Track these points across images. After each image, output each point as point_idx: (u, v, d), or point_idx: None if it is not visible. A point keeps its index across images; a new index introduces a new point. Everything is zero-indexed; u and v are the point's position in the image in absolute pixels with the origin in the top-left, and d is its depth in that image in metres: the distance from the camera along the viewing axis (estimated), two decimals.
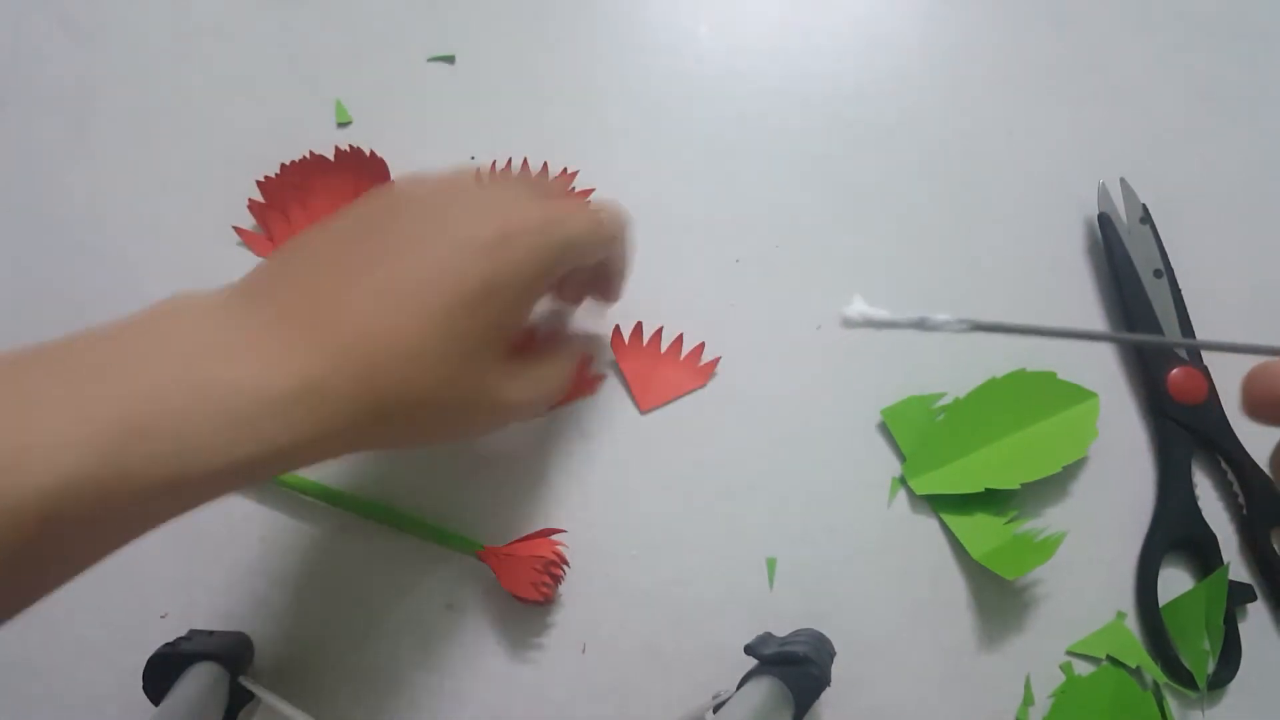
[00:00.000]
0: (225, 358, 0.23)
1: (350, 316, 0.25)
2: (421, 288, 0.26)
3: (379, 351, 0.25)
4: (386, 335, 0.25)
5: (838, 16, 0.46)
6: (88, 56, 0.45)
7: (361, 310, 0.25)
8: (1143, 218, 0.42)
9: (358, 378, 0.25)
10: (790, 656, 0.33)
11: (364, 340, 0.25)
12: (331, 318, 0.25)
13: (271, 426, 0.23)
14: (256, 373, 0.23)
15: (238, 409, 0.22)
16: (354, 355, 0.25)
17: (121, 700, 0.36)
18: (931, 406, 0.40)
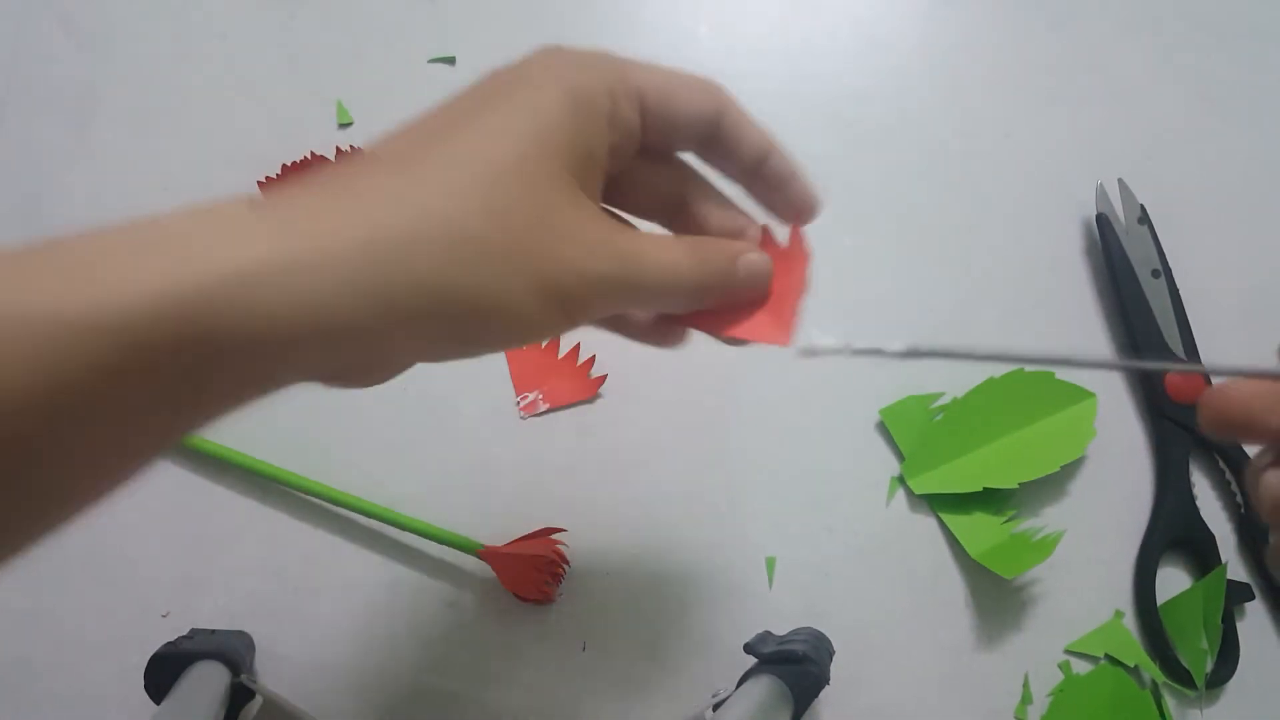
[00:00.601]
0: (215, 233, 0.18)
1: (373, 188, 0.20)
2: (467, 146, 0.21)
3: (396, 204, 0.20)
4: (415, 202, 0.20)
5: (837, 17, 0.46)
6: (89, 58, 0.45)
7: (396, 182, 0.20)
8: (1141, 218, 0.42)
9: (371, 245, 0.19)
10: (789, 655, 0.33)
11: (385, 205, 0.20)
12: (354, 193, 0.20)
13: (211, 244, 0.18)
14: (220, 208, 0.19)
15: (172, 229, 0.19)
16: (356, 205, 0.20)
17: (123, 699, 0.36)
18: (930, 406, 0.40)
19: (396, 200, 0.20)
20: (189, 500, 0.39)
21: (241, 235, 0.18)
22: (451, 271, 0.20)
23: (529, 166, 0.21)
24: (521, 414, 0.40)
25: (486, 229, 0.20)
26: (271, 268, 0.18)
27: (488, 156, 0.21)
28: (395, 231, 0.19)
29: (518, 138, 0.21)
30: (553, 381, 0.40)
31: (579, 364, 0.40)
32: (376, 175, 0.20)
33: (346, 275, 0.18)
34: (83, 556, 0.38)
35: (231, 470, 0.39)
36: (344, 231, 0.19)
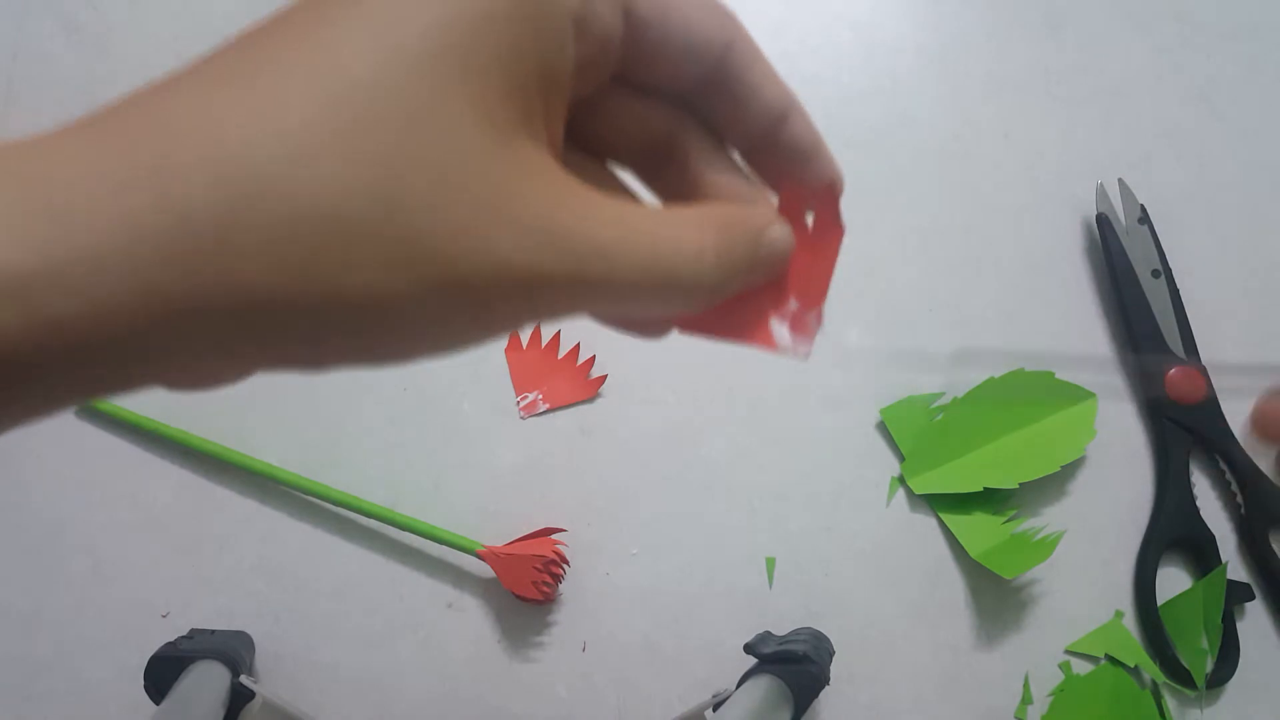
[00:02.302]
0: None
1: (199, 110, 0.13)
2: (350, 46, 0.13)
3: (196, 147, 0.12)
4: (217, 123, 0.13)
5: (835, 19, 0.46)
6: (91, 58, 0.45)
7: (190, 111, 0.13)
8: (1141, 218, 0.42)
9: (152, 190, 0.12)
10: (789, 655, 0.33)
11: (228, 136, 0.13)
12: (140, 135, 0.13)
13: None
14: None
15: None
16: (150, 167, 0.12)
17: (122, 699, 0.36)
18: (930, 406, 0.40)
19: (209, 154, 0.12)
20: (189, 500, 0.39)
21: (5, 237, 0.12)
22: (289, 272, 0.13)
23: (428, 93, 0.13)
24: (521, 414, 0.40)
25: (347, 201, 0.13)
26: (38, 279, 0.12)
27: (355, 75, 0.13)
28: (203, 215, 0.12)
29: (416, 45, 0.13)
30: (553, 382, 0.40)
31: (579, 364, 0.40)
32: (186, 110, 0.13)
33: (116, 288, 0.12)
34: (82, 557, 0.38)
35: (231, 470, 0.39)
36: (131, 218, 0.12)
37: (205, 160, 0.12)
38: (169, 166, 0.12)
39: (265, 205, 0.12)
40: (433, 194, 0.13)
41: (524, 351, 0.41)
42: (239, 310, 0.13)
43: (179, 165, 0.12)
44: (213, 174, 0.12)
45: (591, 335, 0.41)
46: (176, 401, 0.39)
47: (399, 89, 0.13)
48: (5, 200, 0.12)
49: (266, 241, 0.12)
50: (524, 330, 0.17)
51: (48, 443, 0.39)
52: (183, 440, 0.38)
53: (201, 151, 0.12)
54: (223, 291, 0.13)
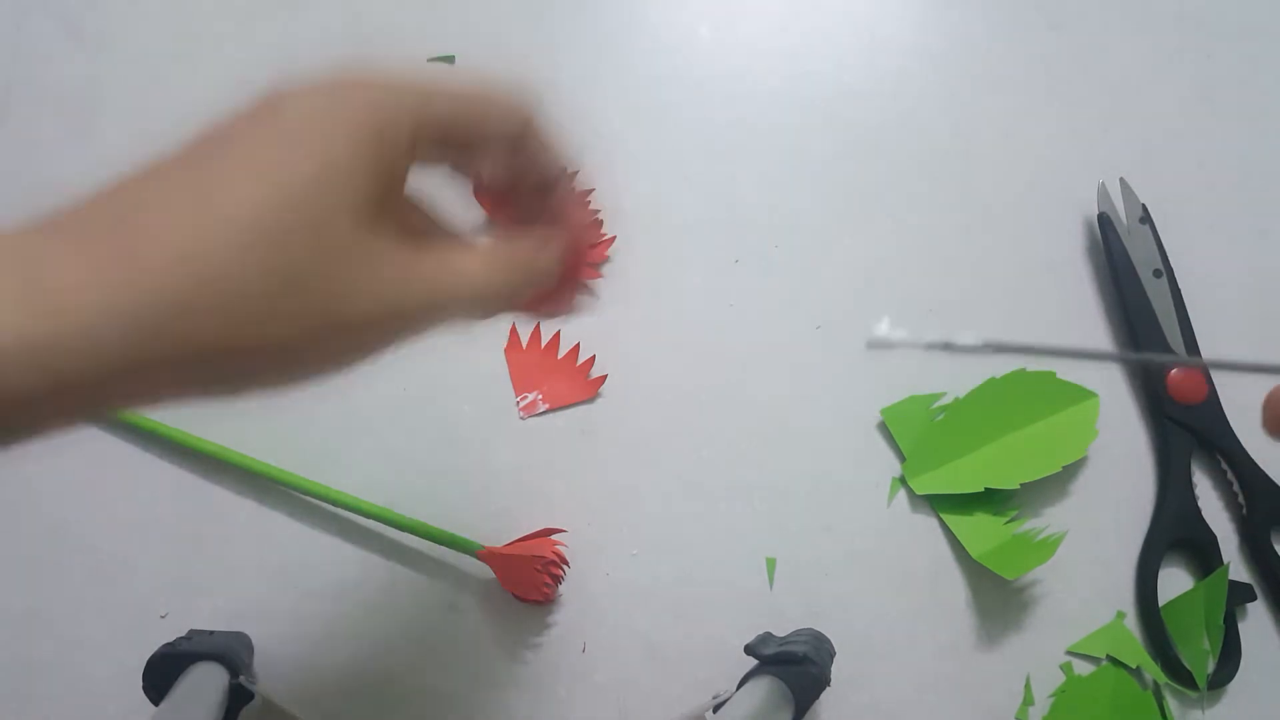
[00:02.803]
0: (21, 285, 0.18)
1: (132, 230, 0.19)
2: (232, 185, 0.20)
3: (161, 245, 0.19)
4: (167, 244, 0.19)
5: (837, 18, 0.46)
6: (89, 58, 0.45)
7: (152, 222, 0.19)
8: (1142, 218, 0.42)
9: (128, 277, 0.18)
10: (790, 656, 0.33)
11: (135, 253, 0.19)
12: (106, 235, 0.19)
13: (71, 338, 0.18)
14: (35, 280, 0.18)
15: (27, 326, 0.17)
16: (124, 259, 0.18)
17: (122, 700, 0.36)
18: (931, 406, 0.40)
19: (164, 252, 0.18)
20: (188, 500, 0.39)
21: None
22: (230, 329, 0.19)
23: (317, 210, 0.20)
24: (521, 414, 0.40)
25: (267, 279, 0.19)
26: (20, 347, 0.17)
27: (271, 197, 0.19)
28: (167, 292, 0.18)
29: (304, 181, 0.20)
30: (552, 382, 0.40)
31: (579, 364, 0.40)
32: (143, 213, 0.19)
33: (104, 349, 0.18)
34: (81, 557, 0.38)
35: (230, 470, 0.39)
36: (106, 298, 0.18)
37: (167, 251, 0.18)
38: (139, 255, 0.18)
39: (213, 285, 0.19)
40: (320, 274, 0.20)
41: (524, 352, 0.41)
42: (192, 358, 0.19)
43: (146, 255, 0.18)
44: (173, 262, 0.18)
45: (591, 335, 0.41)
46: None
47: (300, 206, 0.20)
48: (14, 282, 0.18)
49: (214, 309, 0.19)
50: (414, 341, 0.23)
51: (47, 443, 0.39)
52: (182, 440, 0.38)
53: (164, 246, 0.19)
54: (181, 346, 0.19)
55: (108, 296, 0.18)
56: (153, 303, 0.18)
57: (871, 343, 0.24)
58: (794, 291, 0.42)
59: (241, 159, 0.20)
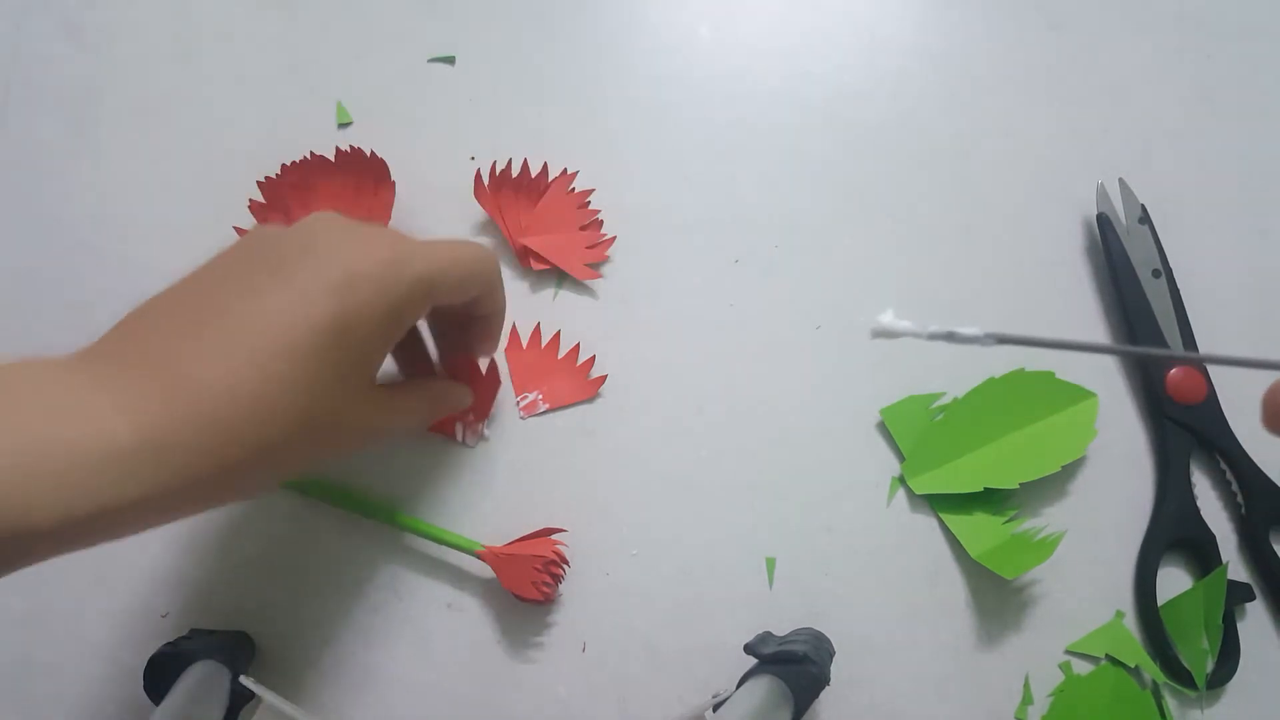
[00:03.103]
0: (59, 416, 0.23)
1: (192, 369, 0.25)
2: (265, 335, 0.25)
3: (221, 403, 0.24)
4: (228, 386, 0.25)
5: (837, 17, 0.46)
6: (89, 58, 0.45)
7: (203, 361, 0.25)
8: (1141, 218, 0.42)
9: (200, 430, 0.24)
10: (789, 655, 0.33)
11: (205, 392, 0.24)
12: (173, 372, 0.25)
13: (106, 485, 0.22)
14: (92, 431, 0.23)
15: (69, 468, 0.22)
16: (195, 408, 0.24)
17: (122, 699, 0.36)
18: (930, 406, 0.40)
19: (248, 429, 0.25)
20: None
21: (130, 475, 0.23)
22: (262, 459, 0.26)
23: (316, 365, 0.26)
24: (521, 414, 0.40)
25: (284, 421, 0.26)
26: (135, 507, 0.23)
27: (282, 349, 0.25)
28: (246, 456, 0.25)
29: (344, 366, 0.27)
30: (552, 382, 0.40)
31: (579, 364, 0.40)
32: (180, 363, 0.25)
33: (197, 495, 0.25)
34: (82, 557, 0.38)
35: None
36: (204, 464, 0.24)
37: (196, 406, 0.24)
38: (176, 401, 0.24)
39: (250, 427, 0.25)
40: (328, 411, 0.27)
41: (524, 352, 0.41)
42: (227, 478, 0.25)
43: (181, 403, 0.24)
44: (208, 410, 0.24)
45: (591, 335, 0.41)
46: None
47: (303, 359, 0.26)
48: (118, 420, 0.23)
49: (251, 443, 0.25)
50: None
51: None
52: None
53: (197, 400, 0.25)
54: (220, 467, 0.25)
55: (166, 418, 0.24)
56: (194, 421, 0.24)
57: (876, 331, 0.24)
58: (794, 291, 0.42)
59: (265, 310, 0.26)
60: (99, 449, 0.22)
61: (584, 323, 0.41)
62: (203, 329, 0.25)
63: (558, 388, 0.40)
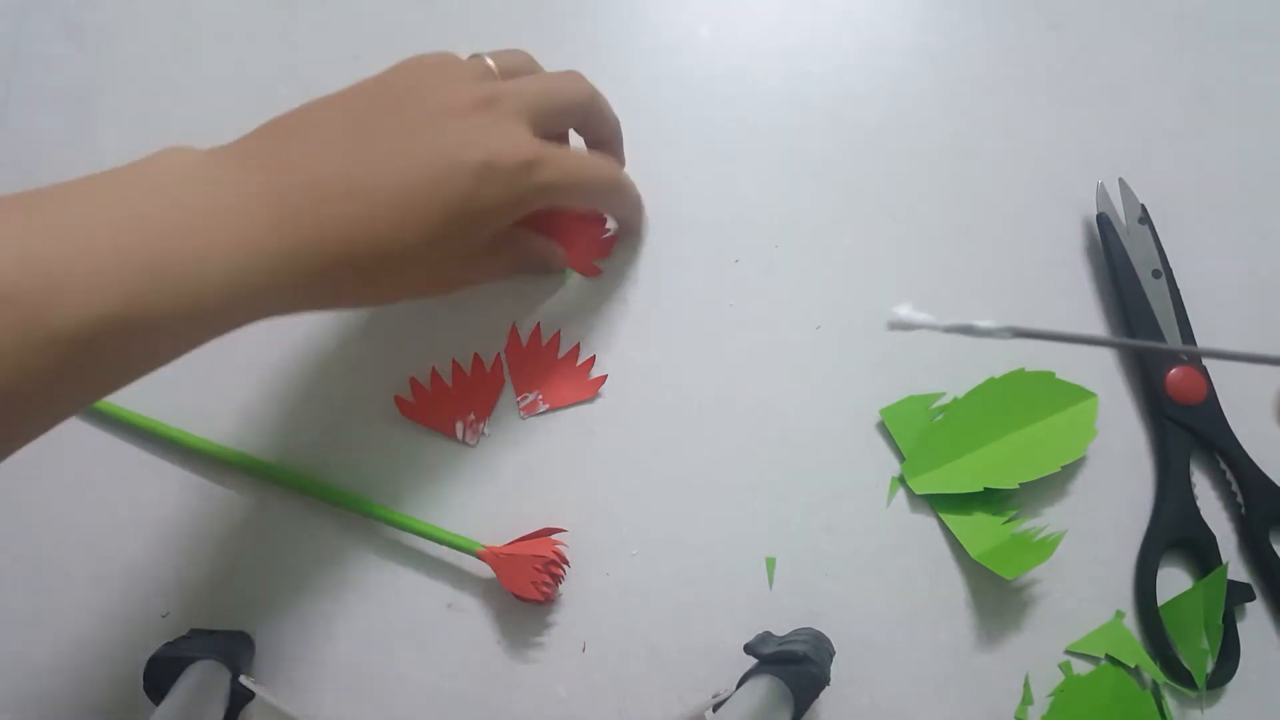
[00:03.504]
0: (222, 211, 0.26)
1: (335, 210, 0.28)
2: (403, 196, 0.29)
3: (358, 249, 0.29)
4: (365, 236, 0.29)
5: (837, 17, 0.46)
6: (89, 57, 0.45)
7: (346, 205, 0.28)
8: (1141, 218, 0.42)
9: (338, 261, 0.28)
10: (789, 655, 0.33)
11: (343, 236, 0.28)
12: (316, 208, 0.28)
13: (258, 277, 0.26)
14: (252, 235, 0.26)
15: (233, 260, 0.26)
16: (332, 251, 0.28)
17: (122, 699, 0.36)
18: (930, 406, 0.40)
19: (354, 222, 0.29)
20: (188, 500, 0.39)
21: (261, 267, 0.27)
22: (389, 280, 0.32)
23: (462, 243, 0.31)
24: (521, 414, 0.40)
25: (407, 272, 0.31)
26: (264, 293, 0.27)
27: (443, 204, 0.30)
28: (358, 249, 0.29)
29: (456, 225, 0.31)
30: (552, 382, 0.40)
31: (579, 364, 0.40)
32: (313, 170, 0.29)
33: (313, 292, 0.30)
34: (82, 557, 0.38)
35: (231, 470, 0.39)
36: (321, 246, 0.28)
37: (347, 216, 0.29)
38: (308, 206, 0.28)
39: (368, 267, 0.30)
40: (446, 267, 0.34)
41: (524, 351, 0.41)
42: (335, 281, 0.30)
43: (317, 207, 0.28)
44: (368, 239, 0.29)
45: (591, 335, 0.41)
46: (177, 402, 0.39)
47: (429, 224, 0.30)
48: (269, 230, 0.27)
49: (372, 272, 0.30)
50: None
51: (47, 443, 0.39)
52: (183, 440, 0.38)
53: (325, 201, 0.29)
54: (325, 264, 0.29)
55: (305, 247, 0.28)
56: (331, 261, 0.28)
57: (893, 323, 0.24)
58: (794, 291, 0.42)
59: (408, 172, 0.30)
60: (250, 250, 0.26)
61: (584, 323, 0.41)
62: (346, 169, 0.29)
63: (557, 388, 0.40)
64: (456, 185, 0.30)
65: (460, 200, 0.30)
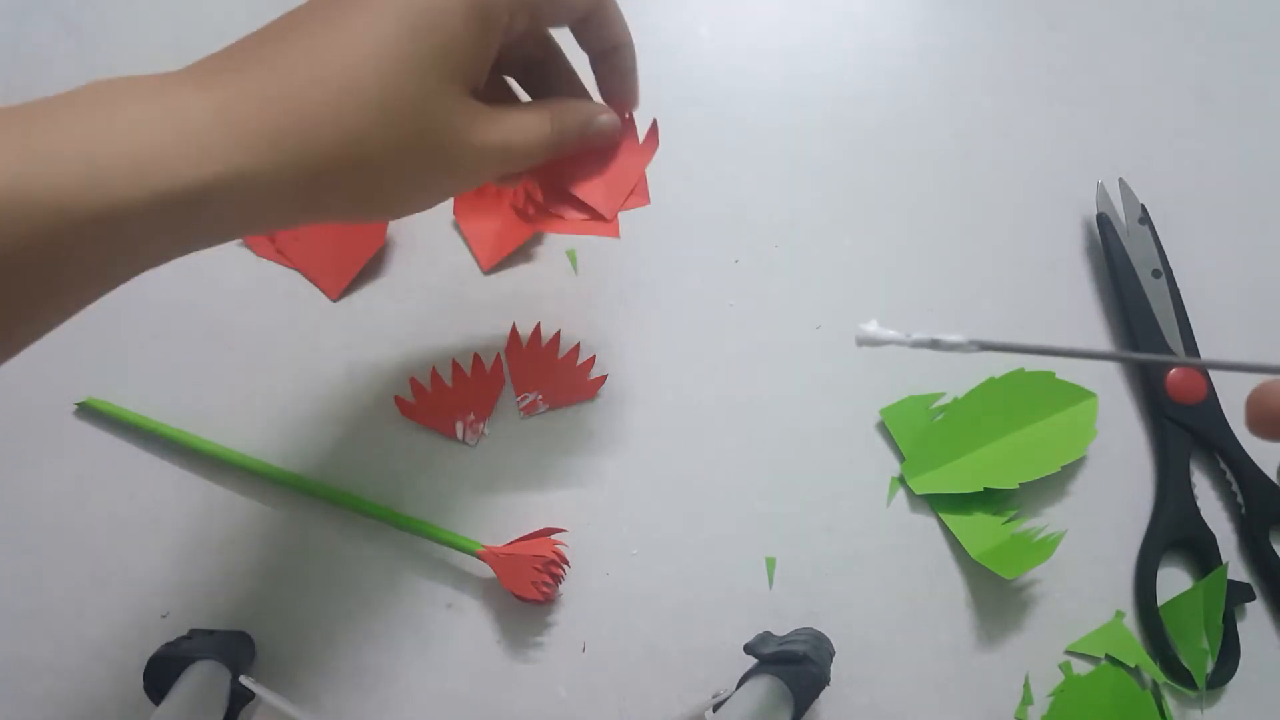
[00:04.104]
0: (141, 100, 0.23)
1: (283, 65, 0.24)
2: (356, 25, 0.25)
3: (299, 87, 0.24)
4: (309, 75, 0.24)
5: (837, 17, 0.46)
6: (89, 58, 0.45)
7: (295, 58, 0.25)
8: (1141, 218, 0.42)
9: (278, 110, 0.24)
10: (790, 656, 0.33)
11: (284, 78, 0.24)
12: (253, 69, 0.24)
13: (186, 158, 0.22)
14: (170, 106, 0.23)
15: (148, 137, 0.22)
16: (272, 89, 0.24)
17: (122, 700, 0.36)
18: (930, 406, 0.40)
19: (309, 109, 0.24)
20: (188, 501, 0.39)
21: (205, 151, 0.23)
22: (361, 179, 0.26)
23: (424, 67, 0.25)
24: (521, 414, 0.40)
25: (392, 148, 0.25)
26: (230, 177, 0.23)
27: (391, 71, 0.25)
28: (317, 141, 0.24)
29: (418, 51, 0.25)
30: (552, 382, 0.40)
31: (579, 364, 0.40)
32: (291, 67, 0.24)
33: (285, 191, 0.24)
34: (82, 557, 0.38)
35: (231, 470, 0.39)
36: (284, 141, 0.24)
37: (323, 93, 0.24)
38: (253, 83, 0.24)
39: (327, 110, 0.24)
40: (429, 108, 0.26)
41: (524, 352, 0.41)
42: (311, 174, 0.24)
43: (258, 85, 0.24)
44: (330, 96, 0.24)
45: (591, 335, 0.41)
46: (176, 402, 0.39)
47: (380, 51, 0.25)
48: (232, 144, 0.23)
49: (335, 121, 0.24)
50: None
51: (47, 443, 0.39)
52: (183, 440, 0.38)
53: (317, 89, 0.24)
54: (301, 153, 0.24)
55: (246, 101, 0.23)
56: (280, 109, 0.24)
57: (861, 340, 0.24)
58: (794, 291, 0.42)
59: (362, 20, 0.25)
60: (174, 123, 0.22)
61: (584, 323, 0.41)
62: (295, 35, 0.25)
63: (557, 388, 0.40)
64: (395, 6, 0.25)
65: (410, 22, 0.25)
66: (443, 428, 0.39)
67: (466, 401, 0.40)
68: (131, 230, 0.22)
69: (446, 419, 0.39)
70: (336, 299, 0.41)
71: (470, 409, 0.39)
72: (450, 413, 0.39)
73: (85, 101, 0.22)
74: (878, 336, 0.24)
